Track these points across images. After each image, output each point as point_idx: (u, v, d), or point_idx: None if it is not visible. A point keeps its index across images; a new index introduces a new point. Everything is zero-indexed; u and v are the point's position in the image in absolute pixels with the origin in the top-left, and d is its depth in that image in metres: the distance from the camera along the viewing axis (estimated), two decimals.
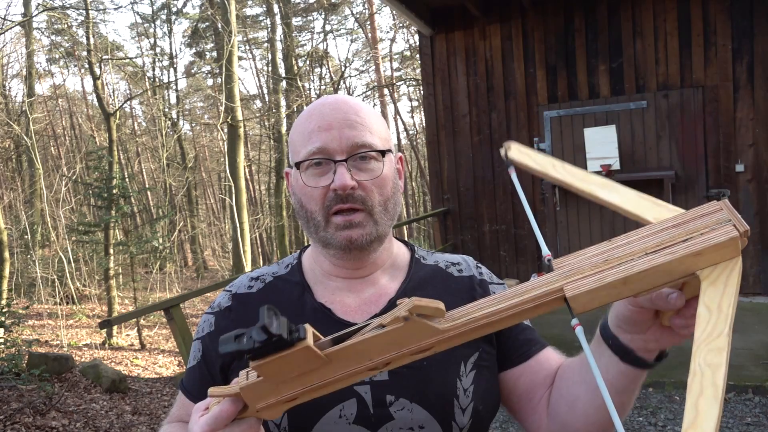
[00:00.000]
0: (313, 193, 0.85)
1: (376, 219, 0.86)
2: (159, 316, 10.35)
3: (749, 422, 3.68)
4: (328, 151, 0.84)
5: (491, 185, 6.99)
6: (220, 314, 0.92)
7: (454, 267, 0.97)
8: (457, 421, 0.83)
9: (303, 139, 0.87)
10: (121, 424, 4.86)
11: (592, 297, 0.54)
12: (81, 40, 16.94)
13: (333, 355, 0.59)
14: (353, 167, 0.84)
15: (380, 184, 0.86)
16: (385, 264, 0.93)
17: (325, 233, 0.86)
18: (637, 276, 0.53)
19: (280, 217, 15.72)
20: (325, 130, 0.85)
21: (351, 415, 0.82)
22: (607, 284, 0.54)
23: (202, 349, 0.91)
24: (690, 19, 5.98)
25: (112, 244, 10.78)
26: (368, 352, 0.59)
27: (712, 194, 6.01)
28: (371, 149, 0.85)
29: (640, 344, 0.68)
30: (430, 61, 7.22)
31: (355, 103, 0.89)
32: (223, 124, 13.17)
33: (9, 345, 5.82)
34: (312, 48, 19.09)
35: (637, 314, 0.65)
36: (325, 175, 0.85)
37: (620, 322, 0.68)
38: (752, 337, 4.78)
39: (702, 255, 0.52)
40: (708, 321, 0.49)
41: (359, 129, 0.85)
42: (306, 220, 0.88)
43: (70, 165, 17.51)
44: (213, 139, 22.28)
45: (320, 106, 0.88)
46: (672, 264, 0.53)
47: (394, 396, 0.82)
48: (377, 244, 0.88)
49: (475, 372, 0.86)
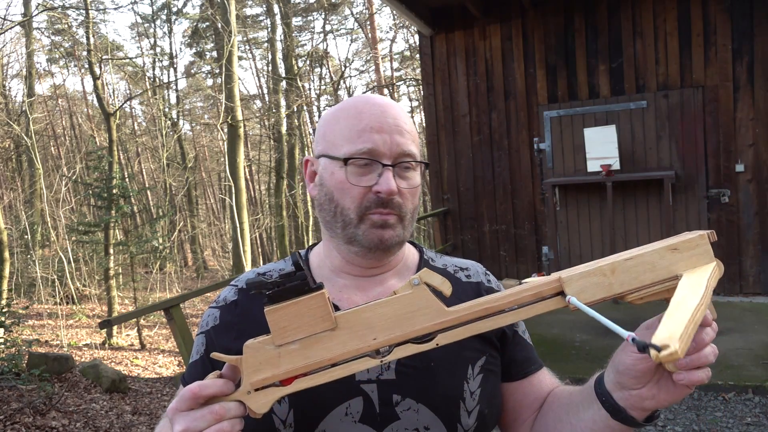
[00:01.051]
0: (353, 190, 0.85)
1: (405, 224, 0.88)
2: (159, 316, 10.36)
3: (749, 422, 3.67)
4: (377, 153, 0.84)
5: (491, 185, 6.98)
6: (225, 308, 0.92)
7: (463, 272, 0.97)
8: (463, 424, 0.83)
9: (350, 134, 0.86)
10: (121, 424, 4.86)
11: (584, 282, 0.60)
12: (81, 40, 16.95)
13: (341, 320, 0.61)
14: (396, 174, 0.86)
15: (414, 194, 0.89)
16: (396, 266, 0.94)
17: (356, 230, 0.86)
18: (623, 264, 0.59)
19: (280, 217, 15.72)
20: (377, 132, 0.85)
21: (357, 413, 0.82)
22: (597, 269, 0.60)
23: (206, 343, 0.91)
24: (690, 19, 5.98)
25: (112, 244, 10.78)
26: (374, 325, 0.60)
27: (712, 194, 6.01)
28: (414, 159, 0.87)
29: (635, 401, 0.68)
30: (430, 61, 7.22)
31: (401, 109, 0.90)
32: (223, 124, 13.17)
33: (9, 345, 5.82)
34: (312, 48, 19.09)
35: (641, 362, 0.64)
36: (368, 176, 0.85)
37: (619, 376, 0.68)
38: (752, 337, 4.78)
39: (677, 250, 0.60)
40: (689, 278, 0.58)
41: (406, 137, 0.87)
42: (333, 215, 0.87)
43: (70, 165, 17.51)
44: (213, 139, 22.29)
45: (370, 105, 0.88)
46: (653, 256, 0.60)
47: (401, 396, 0.82)
48: (398, 248, 0.89)
49: (482, 375, 0.87)
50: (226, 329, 0.89)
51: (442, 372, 0.84)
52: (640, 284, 0.59)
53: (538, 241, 6.80)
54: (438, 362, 0.84)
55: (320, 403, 0.81)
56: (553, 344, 4.92)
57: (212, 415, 0.61)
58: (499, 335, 0.91)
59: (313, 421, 0.81)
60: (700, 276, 0.57)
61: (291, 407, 0.82)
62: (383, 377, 0.83)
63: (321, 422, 0.81)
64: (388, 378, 0.83)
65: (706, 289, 0.54)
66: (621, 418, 0.69)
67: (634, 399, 0.68)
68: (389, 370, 0.83)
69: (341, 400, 0.82)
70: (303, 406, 0.82)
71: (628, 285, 0.59)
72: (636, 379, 0.66)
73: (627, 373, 0.66)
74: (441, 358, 0.84)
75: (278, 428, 0.82)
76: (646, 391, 0.66)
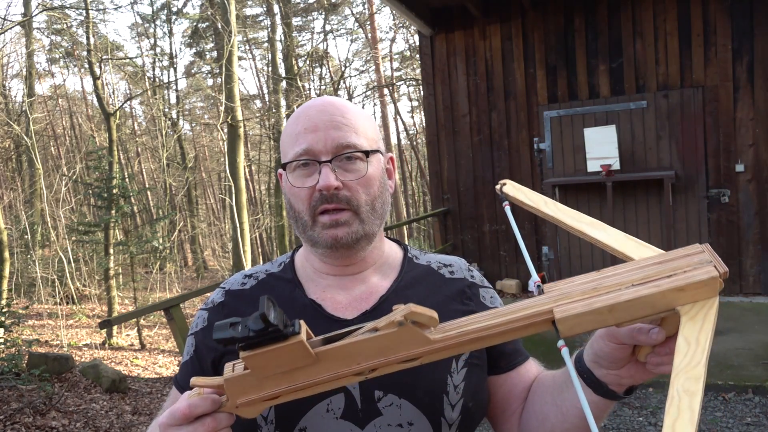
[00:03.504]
0: (300, 193, 0.87)
1: (363, 218, 0.87)
2: (159, 316, 10.36)
3: (749, 422, 3.67)
4: (313, 152, 0.85)
5: (491, 185, 6.98)
6: (213, 310, 0.94)
7: (446, 268, 0.98)
8: (447, 417, 0.84)
9: (291, 140, 0.88)
10: (121, 424, 4.86)
11: (579, 321, 0.57)
12: (81, 40, 16.95)
13: (322, 355, 0.59)
14: (338, 168, 0.85)
15: (366, 184, 0.87)
16: (375, 262, 0.94)
17: (312, 232, 0.87)
18: (623, 305, 0.56)
19: (280, 217, 15.72)
20: (312, 131, 0.86)
21: (338, 410, 0.82)
22: (595, 310, 0.57)
23: (195, 344, 0.92)
24: (690, 19, 5.98)
25: (112, 244, 10.78)
26: (357, 355, 0.59)
27: (712, 194, 6.01)
28: (356, 150, 0.86)
29: (613, 379, 0.71)
30: (430, 61, 7.22)
31: (342, 104, 0.90)
32: (223, 124, 13.16)
33: (9, 345, 5.82)
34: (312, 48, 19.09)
35: (617, 351, 0.67)
36: (311, 176, 0.86)
37: (597, 358, 0.70)
38: (752, 337, 4.77)
39: (684, 291, 0.56)
40: (686, 352, 0.53)
41: (344, 130, 0.86)
42: (295, 220, 0.90)
43: (70, 165, 17.51)
44: (213, 139, 22.29)
45: (307, 108, 0.89)
46: (656, 297, 0.56)
47: (383, 392, 0.83)
48: (365, 243, 0.89)
49: (466, 369, 0.87)
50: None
51: (424, 367, 0.84)
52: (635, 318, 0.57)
53: (538, 241, 6.80)
54: None
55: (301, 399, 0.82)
56: (553, 344, 4.91)
57: (204, 428, 0.63)
58: None
59: (295, 417, 0.82)
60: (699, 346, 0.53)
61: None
62: None
63: (302, 418, 0.82)
64: None
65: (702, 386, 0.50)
66: (603, 392, 0.72)
67: (612, 377, 0.70)
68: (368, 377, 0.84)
69: (322, 396, 0.82)
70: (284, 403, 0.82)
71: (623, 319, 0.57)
72: (613, 363, 0.69)
73: (605, 357, 0.69)
74: None
75: (260, 425, 0.82)
76: (624, 372, 0.69)
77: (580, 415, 0.77)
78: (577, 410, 0.77)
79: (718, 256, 0.58)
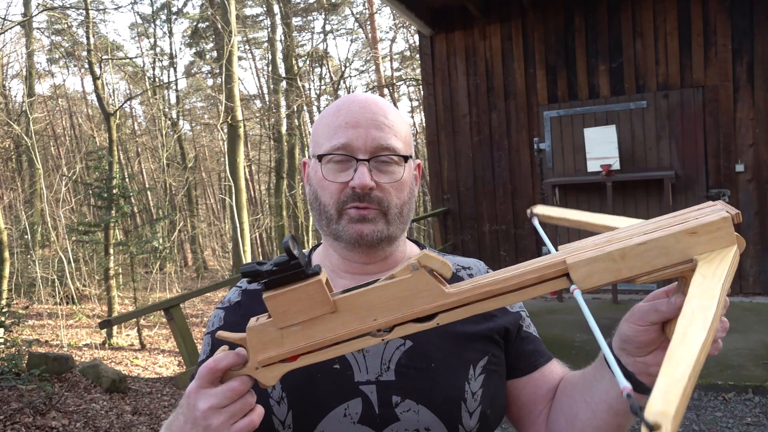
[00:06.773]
0: (330, 186, 0.86)
1: (389, 220, 0.86)
2: (159, 316, 10.35)
3: (749, 422, 3.67)
4: (352, 148, 0.84)
5: (491, 185, 6.98)
6: (229, 309, 0.94)
7: (465, 271, 0.97)
8: (464, 425, 0.83)
9: (328, 132, 0.87)
10: (121, 424, 4.86)
11: (591, 269, 0.56)
12: (81, 40, 16.96)
13: (340, 303, 0.61)
14: (374, 168, 0.85)
15: (398, 188, 0.87)
16: (396, 264, 0.93)
17: (337, 226, 0.86)
18: (635, 249, 0.55)
19: (280, 217, 15.72)
20: (353, 127, 0.85)
21: (356, 415, 0.81)
22: (606, 254, 0.56)
23: (211, 344, 0.93)
24: (690, 19, 5.98)
25: (112, 244, 10.78)
26: (374, 307, 0.60)
27: (712, 194, 6.01)
28: (394, 153, 0.86)
29: (641, 368, 0.69)
30: (430, 61, 7.22)
31: (385, 104, 0.89)
32: (223, 124, 13.16)
33: (9, 345, 5.81)
34: (312, 48, 19.08)
35: (643, 334, 0.66)
36: (345, 172, 0.85)
37: (625, 344, 0.70)
38: (752, 337, 4.77)
39: (697, 234, 0.54)
40: (702, 282, 0.51)
41: (386, 131, 0.86)
42: (318, 212, 0.88)
43: (70, 165, 17.51)
44: (213, 139, 22.28)
45: (350, 102, 0.88)
46: (668, 240, 0.55)
47: (401, 397, 0.82)
48: (386, 244, 0.88)
49: (484, 376, 0.86)
50: (230, 330, 0.90)
51: (442, 373, 0.84)
52: (651, 269, 0.55)
53: (538, 241, 6.80)
54: (438, 363, 0.84)
55: (319, 404, 0.81)
56: (553, 344, 4.92)
57: (232, 392, 0.64)
58: (502, 333, 0.90)
59: (312, 421, 0.81)
60: (715, 277, 0.51)
61: (290, 408, 0.82)
62: (383, 378, 0.82)
63: (320, 423, 0.81)
64: (388, 379, 0.82)
65: (718, 304, 0.48)
66: (631, 383, 0.69)
67: (639, 365, 0.69)
68: (389, 371, 0.83)
69: (340, 401, 0.81)
70: (302, 407, 0.82)
71: (638, 270, 0.55)
72: (640, 349, 0.68)
73: (631, 342, 0.68)
74: (441, 359, 0.84)
75: (277, 429, 0.82)
76: (651, 358, 0.68)
77: (609, 410, 0.75)
78: (607, 404, 0.75)
79: (733, 207, 0.57)
